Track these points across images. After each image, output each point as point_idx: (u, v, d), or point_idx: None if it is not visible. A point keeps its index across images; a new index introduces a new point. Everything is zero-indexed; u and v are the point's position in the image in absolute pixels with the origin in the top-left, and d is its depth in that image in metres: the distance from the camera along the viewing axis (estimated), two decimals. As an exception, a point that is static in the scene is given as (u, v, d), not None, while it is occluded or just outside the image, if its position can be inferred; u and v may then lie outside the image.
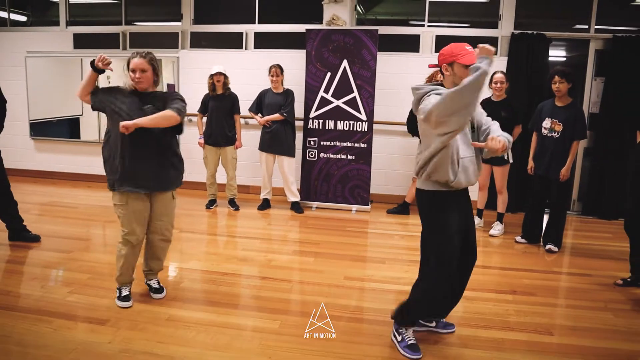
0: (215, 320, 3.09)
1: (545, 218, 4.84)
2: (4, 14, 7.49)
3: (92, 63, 2.99)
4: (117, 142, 3.04)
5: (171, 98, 3.12)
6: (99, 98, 3.08)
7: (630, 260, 3.89)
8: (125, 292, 3.28)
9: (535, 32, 5.79)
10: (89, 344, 2.73)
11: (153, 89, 3.14)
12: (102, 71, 3.04)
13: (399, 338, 2.81)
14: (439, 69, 2.61)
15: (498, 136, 2.46)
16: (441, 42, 6.07)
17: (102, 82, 7.04)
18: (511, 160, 5.06)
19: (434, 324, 3.02)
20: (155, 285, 3.43)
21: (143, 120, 2.91)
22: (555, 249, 4.64)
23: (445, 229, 2.61)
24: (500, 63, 5.86)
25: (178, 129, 3.17)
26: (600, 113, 5.90)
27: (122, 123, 2.85)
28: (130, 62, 3.02)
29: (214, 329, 2.96)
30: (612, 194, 5.83)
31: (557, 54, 6.45)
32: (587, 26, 5.93)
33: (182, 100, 3.14)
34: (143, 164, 3.09)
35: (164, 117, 2.99)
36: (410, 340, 2.77)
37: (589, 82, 6.01)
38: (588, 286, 3.89)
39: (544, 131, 4.55)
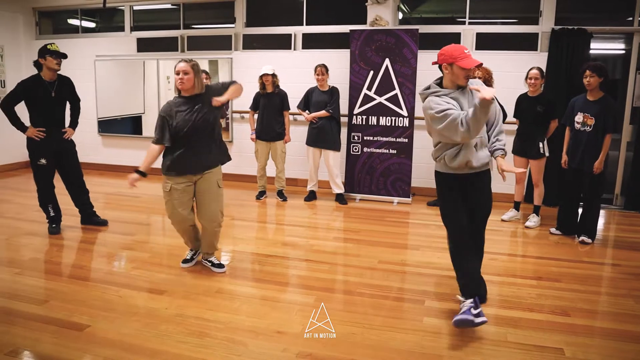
0: (258, 294, 3.47)
1: (580, 211, 4.95)
2: (76, 22, 8.22)
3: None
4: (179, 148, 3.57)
5: (215, 88, 3.67)
6: (167, 138, 3.53)
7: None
8: (187, 256, 3.97)
9: (575, 27, 5.85)
10: (149, 309, 3.17)
11: (196, 91, 3.57)
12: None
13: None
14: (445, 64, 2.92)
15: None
16: (482, 39, 6.24)
17: (162, 82, 7.63)
18: (547, 154, 5.19)
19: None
20: (216, 261, 3.87)
21: (227, 95, 3.60)
22: (589, 240, 4.74)
23: (448, 205, 3.08)
24: (540, 59, 5.97)
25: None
26: (643, 107, 5.91)
27: (216, 99, 3.52)
28: (176, 67, 3.52)
29: (256, 301, 3.35)
30: (655, 188, 5.83)
31: (600, 47, 6.43)
32: (631, 18, 5.93)
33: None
34: (197, 156, 3.61)
35: (236, 89, 3.69)
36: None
37: (633, 76, 6.00)
38: (615, 275, 4.02)
39: (577, 125, 4.67)
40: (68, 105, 4.86)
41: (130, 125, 8.24)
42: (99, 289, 3.48)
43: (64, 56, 4.57)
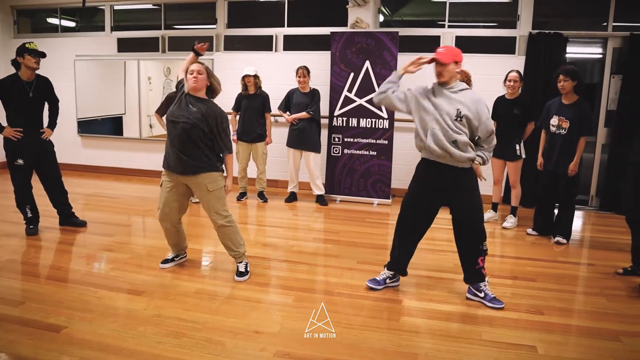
0: (237, 294, 3.49)
1: (556, 212, 5.04)
2: (55, 21, 8.13)
3: (194, 47, 3.75)
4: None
5: (222, 123, 3.58)
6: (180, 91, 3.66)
7: (632, 250, 4.06)
8: (168, 256, 4.00)
9: (552, 31, 5.96)
10: (127, 310, 3.16)
11: (204, 95, 3.59)
12: (199, 54, 3.76)
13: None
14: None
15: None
16: (461, 42, 6.32)
17: (143, 82, 7.59)
18: (524, 156, 5.27)
19: (482, 295, 3.42)
20: (241, 269, 3.80)
21: (230, 179, 3.77)
22: (564, 241, 4.84)
23: (410, 190, 3.50)
24: (518, 62, 6.07)
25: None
26: (617, 110, 6.02)
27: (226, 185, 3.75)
28: (189, 68, 3.54)
29: (235, 301, 3.36)
30: (629, 190, 5.94)
31: (575, 51, 6.56)
32: (605, 24, 6.06)
33: (226, 122, 3.66)
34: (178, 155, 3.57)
35: (232, 163, 3.80)
36: (392, 283, 3.68)
37: (607, 80, 6.13)
38: (589, 274, 4.11)
39: (552, 128, 4.76)
40: (47, 106, 4.82)
41: (111, 126, 8.18)
42: (76, 290, 3.46)
43: (43, 55, 4.53)
